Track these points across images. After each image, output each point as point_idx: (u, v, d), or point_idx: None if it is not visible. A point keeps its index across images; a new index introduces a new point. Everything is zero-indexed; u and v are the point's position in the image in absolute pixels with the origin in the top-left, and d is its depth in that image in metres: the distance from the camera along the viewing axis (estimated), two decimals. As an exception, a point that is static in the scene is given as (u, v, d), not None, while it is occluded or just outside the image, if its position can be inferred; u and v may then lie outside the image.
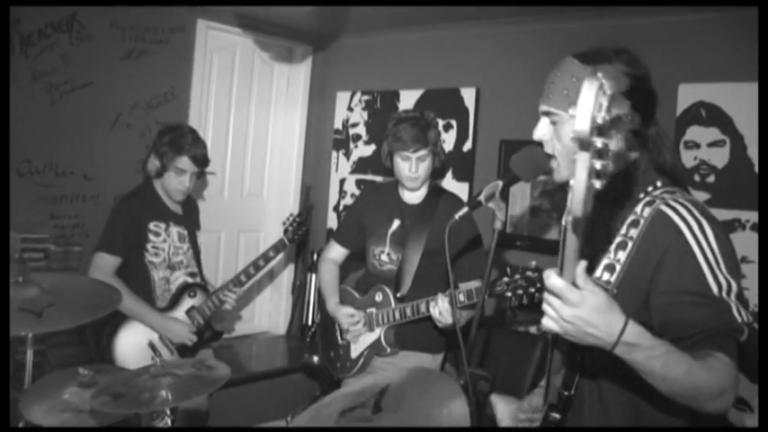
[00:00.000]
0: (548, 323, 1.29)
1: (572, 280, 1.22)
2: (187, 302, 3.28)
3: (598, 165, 1.05)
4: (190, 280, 3.31)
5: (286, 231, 3.47)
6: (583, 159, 1.05)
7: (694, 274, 1.40)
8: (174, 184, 3.18)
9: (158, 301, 3.22)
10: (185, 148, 3.13)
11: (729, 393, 1.34)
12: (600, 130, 1.02)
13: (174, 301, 3.25)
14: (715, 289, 1.39)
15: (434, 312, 2.68)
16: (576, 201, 1.07)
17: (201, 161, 3.20)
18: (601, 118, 1.01)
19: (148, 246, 3.16)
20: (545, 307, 1.28)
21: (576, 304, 1.23)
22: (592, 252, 1.59)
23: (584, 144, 1.04)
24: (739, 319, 1.37)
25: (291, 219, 3.52)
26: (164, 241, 3.21)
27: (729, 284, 1.39)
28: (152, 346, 3.06)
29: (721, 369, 1.32)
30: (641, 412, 1.53)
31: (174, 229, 3.26)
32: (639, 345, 1.27)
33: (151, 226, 3.17)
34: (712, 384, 1.31)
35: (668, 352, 1.28)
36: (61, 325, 2.28)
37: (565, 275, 1.22)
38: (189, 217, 3.39)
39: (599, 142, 1.03)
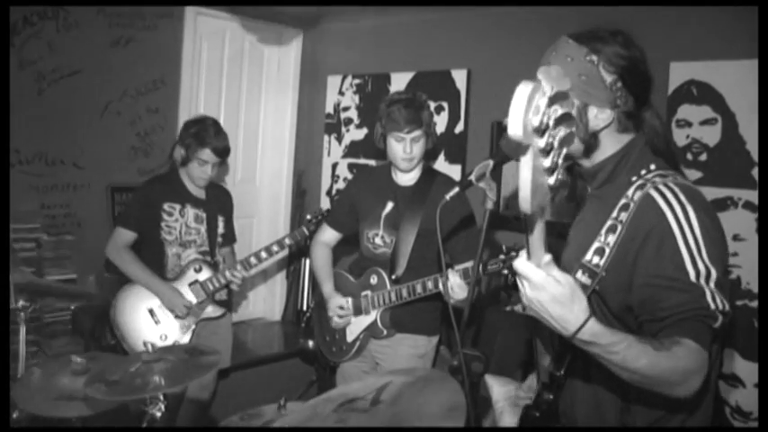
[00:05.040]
0: (523, 299, 1.32)
1: (539, 264, 1.25)
2: (191, 276, 3.45)
3: (546, 163, 1.07)
4: (200, 257, 3.48)
5: (310, 222, 3.62)
6: (524, 160, 1.08)
7: (672, 258, 1.40)
8: (197, 173, 3.40)
9: (169, 273, 3.44)
10: (207, 140, 3.34)
11: (694, 378, 1.34)
12: (538, 130, 1.03)
13: (180, 274, 3.44)
14: (692, 275, 1.39)
15: (445, 288, 2.63)
16: (523, 198, 1.10)
17: (222, 152, 3.41)
18: (537, 120, 1.03)
19: (162, 224, 3.40)
20: (518, 283, 1.31)
21: (538, 288, 1.25)
22: (588, 236, 1.59)
23: (523, 147, 1.07)
24: (713, 306, 1.36)
25: (320, 211, 3.66)
26: (176, 221, 3.43)
27: (708, 271, 1.39)
28: (150, 312, 3.37)
29: (686, 356, 1.32)
30: (632, 391, 1.53)
31: (191, 211, 3.47)
32: (595, 343, 1.30)
33: (165, 206, 3.40)
34: (675, 373, 1.32)
35: (628, 347, 1.30)
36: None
37: (533, 260, 1.25)
38: (213, 203, 3.58)
39: (540, 142, 1.04)
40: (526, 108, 1.03)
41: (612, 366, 1.33)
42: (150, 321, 3.35)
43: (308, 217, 3.65)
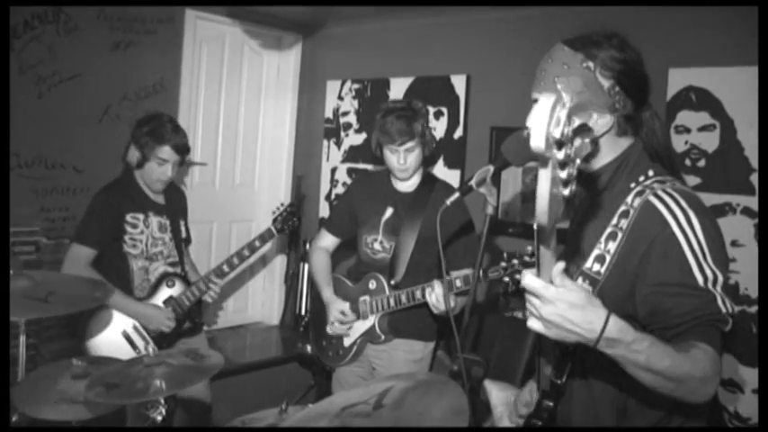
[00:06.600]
0: (532, 323, 1.28)
1: (549, 279, 1.23)
2: (165, 292, 3.22)
3: (563, 174, 1.07)
4: (170, 270, 3.26)
5: (275, 221, 3.40)
6: (544, 172, 1.08)
7: (680, 265, 1.40)
8: (156, 174, 3.13)
9: (137, 290, 3.18)
10: (166, 137, 3.09)
11: (711, 383, 1.34)
12: (559, 143, 1.04)
13: (152, 291, 3.20)
14: (701, 280, 1.39)
15: (431, 299, 2.67)
16: (540, 211, 1.10)
17: (183, 149, 3.16)
18: (558, 132, 1.03)
19: (126, 237, 3.12)
20: (528, 306, 1.28)
21: (553, 301, 1.22)
22: (587, 242, 1.59)
23: (543, 159, 1.07)
24: (723, 310, 1.37)
25: (282, 208, 3.45)
26: (141, 233, 3.16)
27: (715, 276, 1.39)
28: (126, 336, 3.10)
29: (704, 359, 1.32)
30: (628, 398, 1.54)
31: (155, 220, 3.21)
32: (621, 340, 1.25)
33: (128, 218, 3.13)
34: (695, 376, 1.31)
35: (652, 345, 1.28)
36: (71, 308, 2.36)
37: (542, 276, 1.23)
38: (172, 206, 3.33)
39: (560, 154, 1.05)
40: (548, 120, 1.04)
41: (635, 369, 1.30)
42: (127, 346, 3.10)
43: (273, 212, 3.44)
